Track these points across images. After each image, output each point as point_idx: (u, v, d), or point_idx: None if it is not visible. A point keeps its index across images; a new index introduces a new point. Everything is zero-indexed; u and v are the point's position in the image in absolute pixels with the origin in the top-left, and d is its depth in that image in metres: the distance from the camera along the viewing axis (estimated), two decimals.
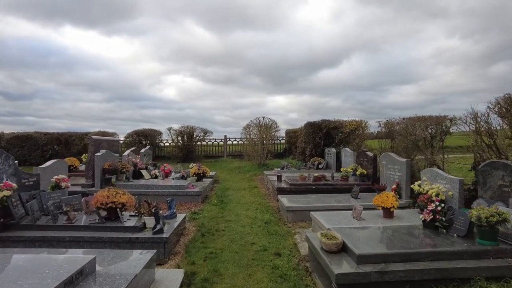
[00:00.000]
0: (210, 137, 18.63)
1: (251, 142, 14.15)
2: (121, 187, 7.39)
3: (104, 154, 7.52)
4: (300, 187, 7.51)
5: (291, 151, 17.27)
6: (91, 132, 16.94)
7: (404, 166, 6.12)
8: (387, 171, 6.81)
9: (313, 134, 12.10)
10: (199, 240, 4.74)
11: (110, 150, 8.80)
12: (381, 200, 4.84)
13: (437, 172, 5.08)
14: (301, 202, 6.19)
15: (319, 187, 7.54)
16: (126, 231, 4.18)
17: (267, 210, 6.63)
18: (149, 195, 7.28)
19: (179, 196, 7.25)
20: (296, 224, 5.63)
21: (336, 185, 7.68)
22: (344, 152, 10.13)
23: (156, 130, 17.88)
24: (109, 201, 4.33)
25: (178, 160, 17.01)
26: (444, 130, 5.93)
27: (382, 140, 8.94)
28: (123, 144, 17.58)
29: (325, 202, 6.13)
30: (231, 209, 6.70)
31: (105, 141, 8.60)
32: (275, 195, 7.58)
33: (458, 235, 3.39)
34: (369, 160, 7.96)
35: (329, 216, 4.93)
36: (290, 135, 17.02)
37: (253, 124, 14.07)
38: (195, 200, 7.24)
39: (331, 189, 7.52)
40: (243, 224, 5.60)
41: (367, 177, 7.94)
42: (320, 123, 11.96)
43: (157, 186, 7.44)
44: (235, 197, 8.04)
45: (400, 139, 6.96)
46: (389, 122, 7.96)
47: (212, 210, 6.55)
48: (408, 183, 6.10)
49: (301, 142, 13.36)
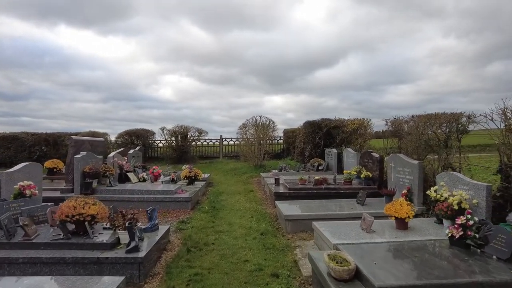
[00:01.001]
0: (205, 137, 17.96)
1: (247, 142, 13.49)
2: (103, 192, 6.74)
3: (84, 156, 6.83)
4: (300, 191, 6.86)
5: (289, 151, 16.63)
6: (82, 133, 16.23)
7: (416, 169, 5.48)
8: (396, 174, 6.17)
9: (313, 133, 11.46)
10: (184, 256, 4.08)
11: (94, 151, 8.12)
12: (394, 209, 4.20)
13: (457, 177, 4.44)
14: (302, 209, 5.54)
15: (320, 191, 6.88)
16: (94, 249, 3.51)
17: (264, 218, 5.97)
18: (133, 201, 6.62)
19: (167, 202, 6.58)
20: (296, 235, 4.97)
21: (339, 189, 7.03)
22: (346, 153, 9.49)
23: (148, 130, 17.20)
24: (76, 213, 3.65)
25: (172, 161, 16.33)
26: (460, 128, 5.29)
27: (388, 140, 8.30)
28: (115, 145, 16.88)
29: (328, 210, 5.48)
30: (223, 217, 6.04)
31: (87, 142, 7.91)
32: (273, 201, 6.93)
33: (499, 258, 2.74)
34: (374, 161, 7.33)
35: (334, 228, 4.28)
36: (288, 135, 16.38)
37: (249, 123, 13.42)
38: (184, 206, 6.57)
39: (333, 193, 6.87)
40: (236, 235, 4.94)
41: (373, 180, 7.30)
42: (320, 122, 11.32)
43: (143, 191, 6.77)
44: (229, 203, 7.37)
45: (409, 138, 6.32)
46: (396, 120, 7.32)
47: (202, 219, 5.89)
48: (420, 188, 5.47)
49: (300, 142, 12.72)
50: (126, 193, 6.78)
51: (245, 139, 13.73)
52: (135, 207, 6.56)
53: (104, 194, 6.73)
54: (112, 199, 6.60)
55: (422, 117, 6.07)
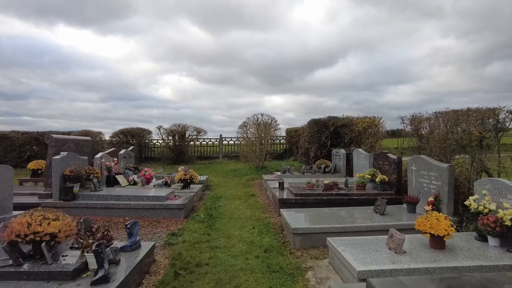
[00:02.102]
0: (204, 136, 17.19)
1: (248, 142, 12.70)
2: (86, 198, 5.96)
3: (65, 157, 6.05)
4: (308, 198, 6.07)
5: (292, 152, 15.84)
6: (74, 132, 15.44)
7: (446, 174, 4.69)
8: (419, 179, 5.38)
9: (318, 133, 10.66)
10: (171, 283, 3.29)
11: (79, 151, 7.34)
12: (430, 224, 3.40)
13: (505, 184, 3.65)
14: (312, 220, 4.75)
15: (331, 198, 6.09)
16: (51, 278, 2.73)
17: (267, 229, 5.18)
18: (119, 209, 5.84)
19: (157, 210, 5.79)
20: (307, 252, 4.18)
21: (352, 195, 6.23)
22: (356, 154, 8.69)
23: (144, 129, 16.42)
24: (30, 232, 2.86)
25: (169, 161, 15.56)
26: (500, 125, 4.50)
27: (403, 140, 7.51)
28: (110, 144, 16.10)
29: (343, 221, 4.68)
30: (221, 228, 5.25)
31: (71, 141, 7.13)
32: (277, 208, 6.14)
33: None
34: (391, 164, 6.53)
35: (354, 246, 3.49)
36: (291, 135, 15.59)
37: (250, 122, 12.63)
38: (177, 215, 5.78)
39: (346, 200, 6.08)
40: (235, 253, 4.15)
41: (389, 184, 6.51)
42: (327, 120, 10.52)
43: (130, 197, 5.98)
44: (227, 210, 6.58)
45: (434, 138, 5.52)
46: (416, 118, 6.52)
47: (196, 230, 5.10)
48: (451, 196, 4.68)
49: (304, 142, 11.92)
50: (111, 199, 5.99)
51: (245, 139, 12.95)
52: (120, 215, 5.80)
53: (87, 200, 5.95)
54: (95, 206, 5.83)
55: (450, 113, 5.27)
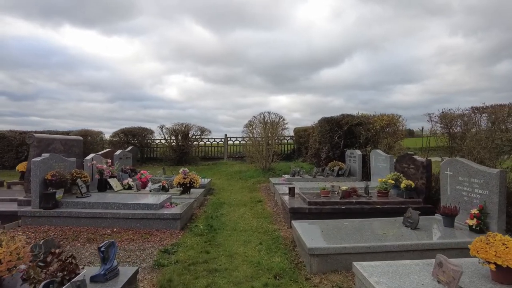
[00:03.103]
0: (208, 136, 16.44)
1: (254, 142, 11.92)
2: (70, 206, 5.24)
3: (46, 159, 5.34)
4: (324, 207, 5.26)
5: (301, 152, 15.03)
6: (73, 132, 14.83)
7: (496, 181, 3.85)
8: (456, 186, 4.54)
9: (331, 132, 9.82)
10: None
11: (68, 152, 6.65)
12: (494, 251, 2.58)
13: None
14: (331, 236, 3.95)
15: (350, 207, 5.28)
16: None
17: (277, 245, 4.39)
18: (107, 218, 5.11)
19: (149, 220, 5.04)
20: (326, 278, 3.38)
21: (374, 203, 5.41)
22: (374, 155, 7.84)
23: (146, 129, 15.74)
24: None
25: (171, 162, 14.86)
26: None
27: (429, 139, 6.65)
28: (110, 144, 15.47)
29: (370, 238, 3.86)
30: (222, 244, 4.47)
31: (58, 141, 6.43)
32: (287, 217, 5.35)
33: None
34: (418, 167, 5.69)
35: (391, 277, 2.69)
36: (300, 134, 14.77)
37: (256, 120, 11.83)
38: (172, 226, 5.02)
39: (367, 210, 5.26)
40: (238, 279, 3.37)
41: (416, 191, 5.67)
42: (340, 118, 9.68)
43: (120, 204, 5.24)
44: (231, 219, 5.81)
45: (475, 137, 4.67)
46: (446, 114, 5.67)
47: (193, 246, 4.34)
48: (502, 208, 3.84)
49: (314, 142, 11.10)
50: (99, 207, 5.26)
51: (251, 139, 12.16)
52: (108, 226, 5.07)
53: (71, 208, 5.23)
54: (80, 215, 5.10)
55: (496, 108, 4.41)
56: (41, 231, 4.85)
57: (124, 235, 4.77)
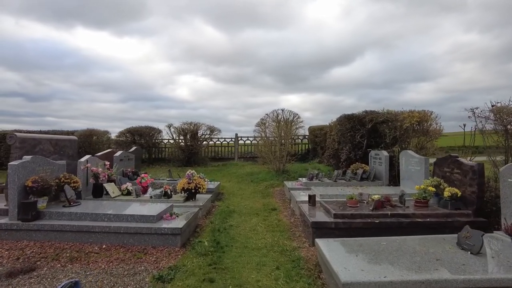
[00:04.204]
0: (218, 135, 15.66)
1: (267, 142, 11.05)
2: (53, 217, 4.51)
3: (27, 163, 4.61)
4: (354, 220, 4.35)
5: (316, 152, 14.08)
6: (78, 131, 14.29)
7: None
8: None
9: (352, 130, 8.86)
10: None
11: (60, 153, 5.94)
12: None
13: None
14: (369, 262, 3.04)
15: (386, 220, 4.35)
16: None
17: (298, 270, 3.52)
18: (95, 233, 4.34)
19: (145, 235, 4.24)
20: None
21: (413, 216, 4.47)
22: (405, 157, 6.86)
23: (154, 128, 15.07)
24: None
25: (179, 163, 14.16)
26: None
27: (473, 138, 5.66)
28: (116, 144, 14.88)
29: (421, 266, 2.93)
30: (230, 268, 3.63)
31: (46, 141, 5.71)
32: (308, 232, 4.48)
33: None
34: (466, 172, 4.72)
35: None
36: (315, 133, 13.82)
37: (269, 119, 10.96)
38: (171, 243, 4.21)
39: (406, 224, 4.33)
40: None
41: (463, 201, 4.71)
42: (363, 115, 8.70)
43: (111, 216, 4.46)
44: (241, 232, 4.97)
45: None
46: (501, 108, 4.67)
47: (194, 271, 3.50)
48: None
49: (332, 142, 10.15)
50: (87, 219, 4.49)
51: (263, 138, 11.30)
52: (97, 242, 4.31)
53: (54, 220, 4.48)
54: (64, 229, 4.34)
55: None
56: (17, 248, 4.11)
57: (114, 254, 3.98)
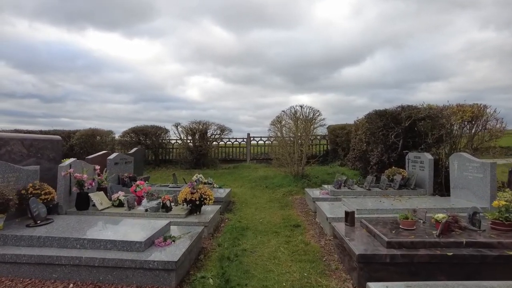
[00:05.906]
0: (229, 135, 14.53)
1: (283, 142, 9.84)
2: (9, 242, 3.43)
3: None
4: (416, 252, 3.09)
5: (337, 154, 12.78)
6: (80, 131, 13.40)
7: None
8: None
9: (384, 129, 7.57)
10: None
11: (37, 156, 4.91)
12: None
13: None
14: None
15: (462, 252, 3.09)
16: None
17: None
18: (62, 266, 3.23)
19: (128, 270, 3.10)
20: None
21: (500, 246, 3.20)
22: (457, 161, 5.55)
23: (160, 127, 14.05)
24: None
25: (188, 165, 13.11)
26: None
27: None
28: (120, 144, 13.95)
29: None
30: None
31: (18, 142, 4.67)
32: (350, 265, 3.27)
33: None
34: None
35: None
36: (336, 133, 12.54)
37: (286, 116, 9.75)
38: (163, 281, 3.06)
39: (492, 259, 3.06)
40: None
41: None
42: (398, 111, 7.39)
43: (84, 242, 3.34)
44: (258, 261, 3.78)
45: None
46: None
47: None
48: None
49: (359, 142, 8.86)
50: (53, 245, 3.39)
51: (279, 138, 10.10)
52: (63, 279, 3.20)
53: (8, 248, 3.37)
54: (19, 260, 3.23)
55: None
56: None
57: None
